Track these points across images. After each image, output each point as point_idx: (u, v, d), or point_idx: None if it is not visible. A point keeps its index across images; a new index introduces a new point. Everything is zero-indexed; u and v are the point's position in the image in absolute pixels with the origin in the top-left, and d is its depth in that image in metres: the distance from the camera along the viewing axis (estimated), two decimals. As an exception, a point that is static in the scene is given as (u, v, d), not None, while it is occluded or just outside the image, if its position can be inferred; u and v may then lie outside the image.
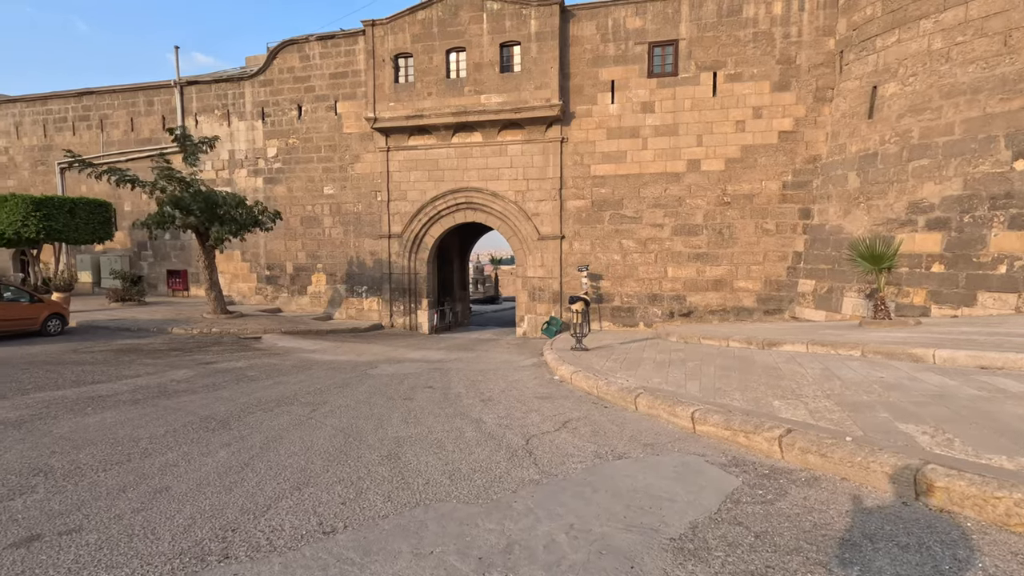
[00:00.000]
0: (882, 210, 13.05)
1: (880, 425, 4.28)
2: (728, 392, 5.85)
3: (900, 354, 7.03)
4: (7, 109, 24.08)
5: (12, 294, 12.77)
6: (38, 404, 6.60)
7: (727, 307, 16.38)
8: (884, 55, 13.61)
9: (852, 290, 13.49)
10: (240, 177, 20.51)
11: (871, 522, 3.03)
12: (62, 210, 18.09)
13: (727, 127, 16.17)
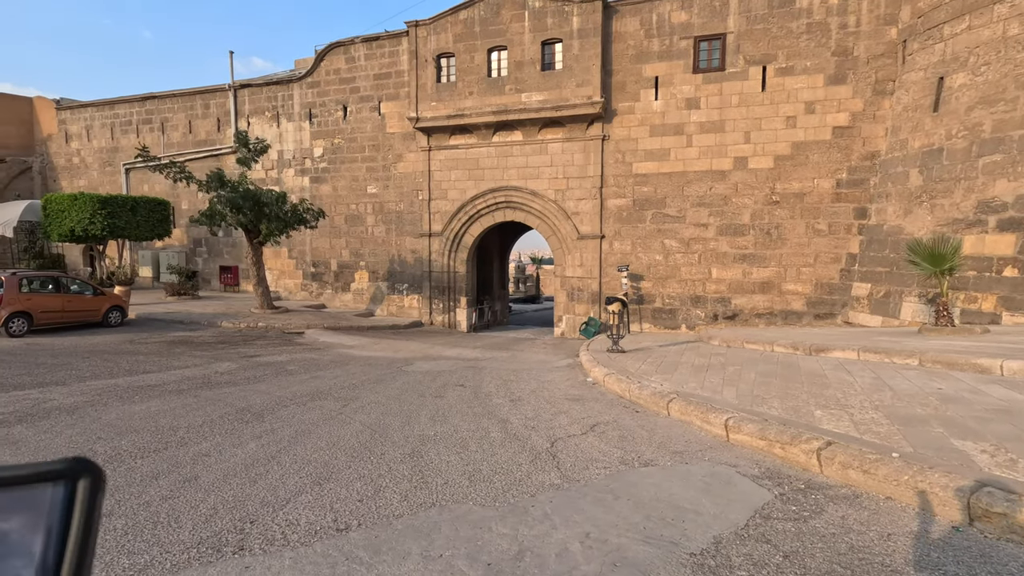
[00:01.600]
0: (947, 209, 12.19)
1: (933, 441, 3.95)
2: (767, 400, 5.56)
3: (963, 364, 6.52)
4: (79, 114, 25.72)
5: (78, 287, 13.60)
6: (92, 391, 6.97)
7: (774, 310, 15.71)
8: (952, 43, 12.70)
9: (912, 294, 12.67)
10: (288, 176, 21.18)
11: (916, 548, 2.77)
12: (125, 208, 19.17)
13: (777, 123, 15.49)
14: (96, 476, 0.18)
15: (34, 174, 27.16)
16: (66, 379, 7.70)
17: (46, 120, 26.86)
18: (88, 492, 0.20)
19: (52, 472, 0.19)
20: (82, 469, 0.19)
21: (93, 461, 0.19)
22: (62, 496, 0.19)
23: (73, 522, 0.19)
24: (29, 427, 5.31)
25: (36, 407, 6.06)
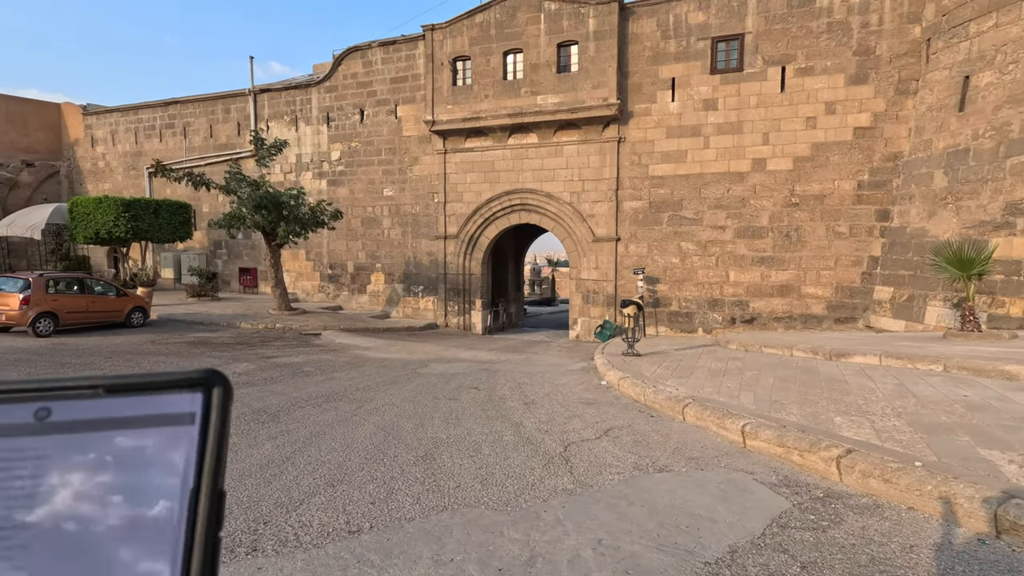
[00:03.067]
0: (973, 211, 11.89)
1: (958, 450, 3.84)
2: (785, 405, 5.46)
3: (990, 371, 6.34)
4: (104, 119, 26.34)
5: (102, 288, 13.90)
6: (114, 391, 7.11)
7: (793, 314, 15.45)
8: (979, 41, 12.40)
9: (936, 299, 12.37)
10: (305, 180, 21.43)
11: (940, 561, 2.69)
12: (148, 211, 19.56)
13: (796, 124, 15.27)
14: (227, 386, 0.23)
15: (61, 178, 27.87)
16: (89, 378, 7.87)
17: (73, 125, 27.56)
18: (221, 399, 0.24)
19: (191, 380, 0.23)
20: (216, 379, 0.23)
21: (224, 373, 0.23)
22: (200, 402, 0.23)
23: (211, 425, 0.23)
24: (52, 425, 5.43)
25: (60, 406, 6.20)
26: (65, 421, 0.22)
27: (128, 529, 0.21)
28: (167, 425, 0.22)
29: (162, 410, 0.22)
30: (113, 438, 0.22)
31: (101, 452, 0.22)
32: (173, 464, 0.22)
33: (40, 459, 0.21)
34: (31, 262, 25.22)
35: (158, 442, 0.22)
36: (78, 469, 0.22)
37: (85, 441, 0.22)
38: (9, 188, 26.36)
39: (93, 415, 0.22)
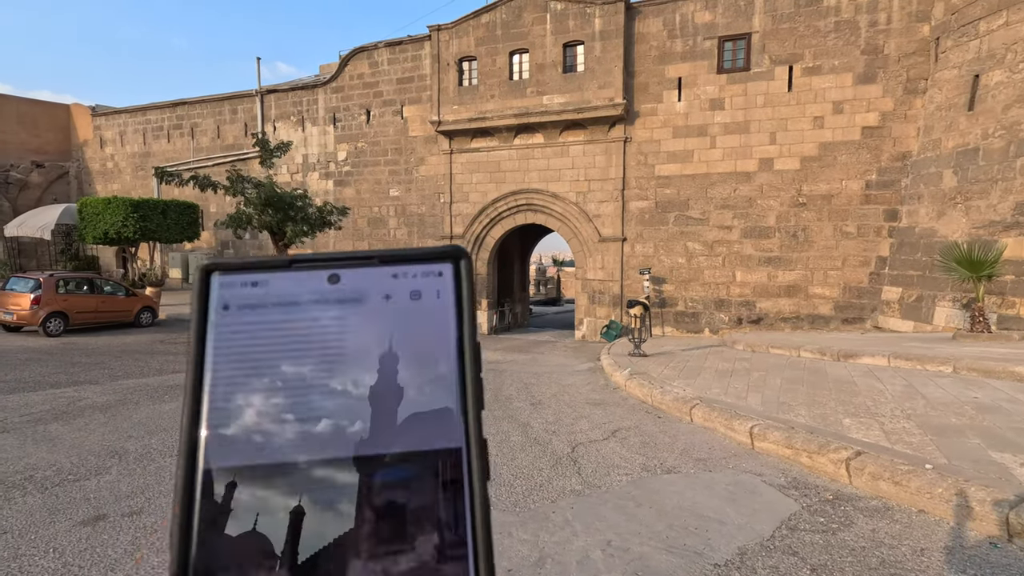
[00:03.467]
0: (983, 211, 11.80)
1: (969, 452, 3.82)
2: (793, 407, 5.44)
3: (1000, 372, 6.29)
4: (113, 120, 26.54)
5: (111, 288, 14.02)
6: (124, 390, 7.17)
7: (801, 314, 15.38)
8: (988, 40, 12.30)
9: (945, 299, 12.29)
10: (312, 180, 21.52)
11: (951, 564, 2.68)
12: (156, 211, 19.70)
13: (803, 123, 15.19)
14: (470, 258, 0.27)
15: (70, 178, 28.10)
16: (99, 378, 7.94)
17: (82, 126, 27.79)
18: (467, 268, 0.28)
19: (444, 253, 0.27)
20: (463, 252, 0.28)
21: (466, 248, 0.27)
22: (452, 270, 0.27)
23: (463, 288, 0.27)
24: (64, 424, 5.49)
25: (71, 405, 6.26)
26: (351, 285, 0.27)
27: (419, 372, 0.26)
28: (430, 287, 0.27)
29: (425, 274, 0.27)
30: (391, 296, 0.27)
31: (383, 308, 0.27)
32: (440, 318, 0.27)
33: (340, 317, 0.26)
34: (41, 262, 25.45)
35: (427, 300, 0.27)
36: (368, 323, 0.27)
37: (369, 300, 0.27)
38: (19, 189, 26.61)
39: (371, 280, 0.27)
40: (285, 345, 0.26)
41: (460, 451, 0.25)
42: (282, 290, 0.27)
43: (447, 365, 0.27)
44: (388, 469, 0.25)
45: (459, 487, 0.25)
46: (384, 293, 0.27)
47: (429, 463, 0.25)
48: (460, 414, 0.26)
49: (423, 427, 0.25)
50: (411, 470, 0.25)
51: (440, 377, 0.26)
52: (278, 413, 0.25)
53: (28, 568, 2.87)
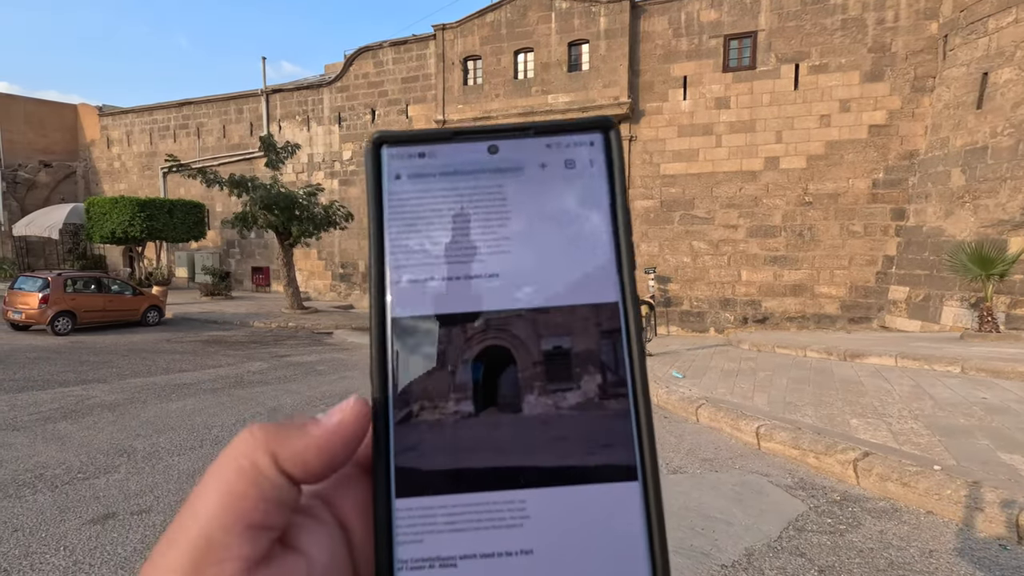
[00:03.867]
0: (992, 210, 11.71)
1: (978, 453, 3.80)
2: (800, 407, 5.42)
3: (1009, 372, 6.25)
4: (120, 120, 26.69)
5: (118, 287, 14.10)
6: (132, 389, 7.22)
7: (807, 314, 15.32)
8: (997, 38, 12.21)
9: (953, 299, 12.21)
10: (317, 179, 21.57)
11: (960, 566, 2.67)
12: (162, 211, 19.81)
13: (810, 122, 15.12)
14: (618, 129, 0.29)
15: (78, 178, 28.29)
16: (107, 376, 7.99)
17: (89, 126, 27.96)
18: (616, 137, 0.29)
19: (595, 123, 0.29)
20: (611, 123, 0.29)
21: (613, 119, 0.29)
22: (602, 139, 0.29)
23: (614, 156, 0.29)
24: (73, 423, 5.53)
25: (80, 404, 6.30)
26: (509, 154, 0.29)
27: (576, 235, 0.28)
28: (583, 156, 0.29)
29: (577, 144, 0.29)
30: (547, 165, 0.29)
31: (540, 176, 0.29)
32: (593, 184, 0.29)
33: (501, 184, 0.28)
34: (49, 261, 25.63)
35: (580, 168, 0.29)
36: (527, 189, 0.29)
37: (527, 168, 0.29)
38: (27, 188, 26.80)
39: (527, 150, 0.29)
40: (452, 209, 0.29)
41: (617, 304, 0.28)
42: (447, 160, 0.29)
43: (602, 227, 0.29)
44: (555, 320, 0.28)
45: (617, 335, 0.27)
46: (540, 162, 0.29)
47: (590, 315, 0.28)
48: (616, 272, 0.28)
49: (583, 283, 0.28)
50: (575, 321, 0.27)
51: (596, 238, 0.28)
52: (452, 269, 0.28)
53: (39, 566, 2.89)
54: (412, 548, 0.25)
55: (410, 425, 0.26)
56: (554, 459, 0.26)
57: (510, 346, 0.28)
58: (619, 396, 0.27)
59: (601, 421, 0.26)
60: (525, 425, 0.26)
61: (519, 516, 0.26)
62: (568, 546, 0.25)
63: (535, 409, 0.27)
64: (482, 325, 0.28)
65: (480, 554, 0.25)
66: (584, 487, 0.26)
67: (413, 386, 0.27)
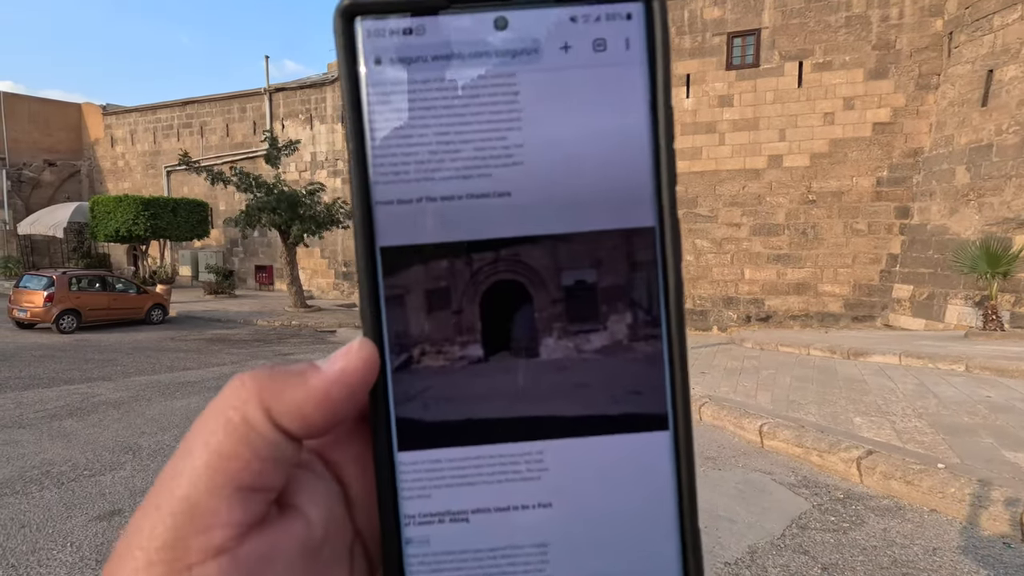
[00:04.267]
0: (996, 208, 11.66)
1: (982, 452, 3.79)
2: (803, 405, 5.42)
3: (1014, 371, 6.24)
4: (124, 119, 26.77)
5: (123, 286, 14.17)
6: (136, 387, 7.25)
7: (810, 312, 15.28)
8: (1003, 35, 12.14)
9: (958, 297, 12.17)
10: (320, 178, 21.60)
11: (963, 564, 2.67)
12: (166, 210, 19.87)
13: (813, 120, 15.06)
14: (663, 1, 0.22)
15: (82, 177, 28.40)
16: (112, 374, 8.03)
17: (93, 125, 28.05)
18: (661, 9, 0.23)
19: None
20: None
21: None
22: (643, 11, 0.23)
23: (657, 36, 0.22)
24: (79, 420, 5.56)
25: (85, 401, 6.34)
26: (522, 31, 0.23)
27: (604, 139, 0.23)
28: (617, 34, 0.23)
29: (610, 16, 0.23)
30: (570, 46, 0.23)
31: (561, 61, 0.23)
32: (629, 73, 0.23)
33: (510, 73, 0.22)
34: (53, 260, 25.74)
35: (613, 51, 0.23)
36: (544, 79, 0.23)
37: (545, 50, 0.23)
38: (32, 187, 26.92)
39: (545, 24, 0.23)
40: (450, 107, 0.23)
41: (653, 230, 0.23)
42: (441, 37, 0.23)
43: (637, 130, 0.23)
44: (576, 248, 0.23)
45: (652, 267, 0.23)
46: (562, 42, 0.23)
47: (620, 242, 0.23)
48: (653, 190, 0.23)
49: (612, 204, 0.23)
50: (601, 249, 0.23)
51: (629, 145, 0.23)
52: (452, 186, 0.23)
53: (46, 561, 2.91)
54: (419, 503, 0.23)
55: (411, 372, 0.24)
56: (575, 408, 0.24)
57: (524, 280, 0.24)
58: (651, 339, 0.23)
59: (629, 366, 0.24)
60: (542, 371, 0.24)
61: (536, 469, 0.24)
62: (590, 499, 0.23)
63: (554, 353, 0.24)
64: (491, 256, 0.24)
65: (494, 508, 0.24)
66: (608, 437, 0.24)
67: (412, 328, 0.23)
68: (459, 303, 0.24)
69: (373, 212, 0.23)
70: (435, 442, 0.23)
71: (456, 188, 0.23)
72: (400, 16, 0.23)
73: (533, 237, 0.24)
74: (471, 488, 0.23)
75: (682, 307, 0.24)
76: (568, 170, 0.23)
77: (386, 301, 0.24)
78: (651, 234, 0.23)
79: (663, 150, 0.23)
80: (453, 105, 0.23)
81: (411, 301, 0.24)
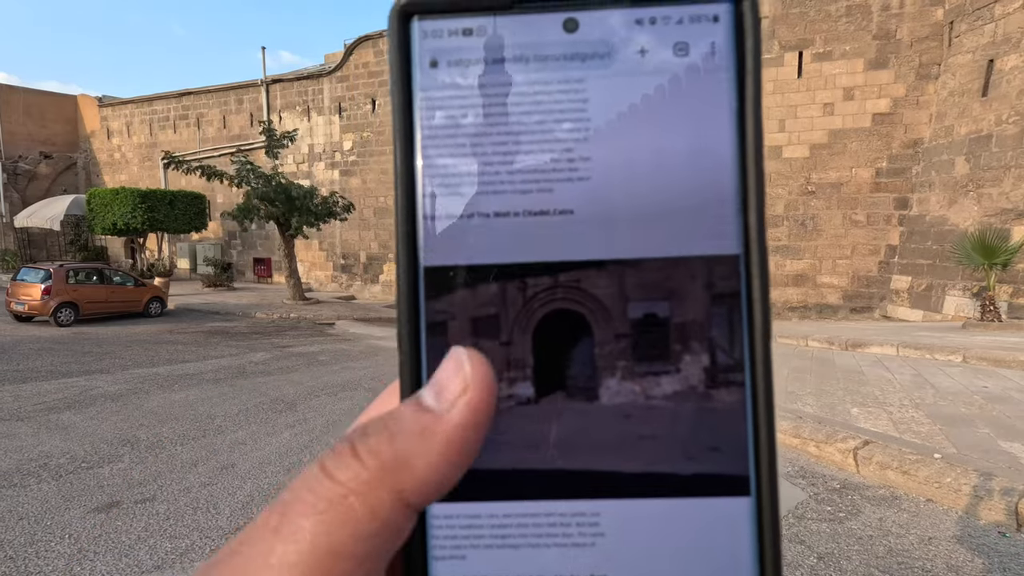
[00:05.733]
0: (995, 199, 11.64)
1: (978, 442, 3.80)
2: (801, 396, 5.43)
3: (1010, 361, 6.25)
4: (120, 111, 26.60)
5: (120, 278, 14.13)
6: (135, 379, 7.25)
7: (808, 304, 15.30)
8: (1004, 24, 12.06)
9: (956, 288, 12.18)
10: (318, 170, 21.53)
11: (958, 553, 2.68)
12: (163, 202, 19.79)
13: (813, 110, 15.00)
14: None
15: (78, 169, 28.26)
16: (110, 367, 8.02)
17: (89, 117, 27.87)
18: (753, 11, 0.20)
19: None
20: None
21: None
22: (731, 13, 0.20)
23: (747, 41, 0.20)
24: (77, 413, 5.56)
25: (83, 394, 6.34)
26: (593, 33, 0.21)
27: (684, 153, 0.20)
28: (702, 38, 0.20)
29: (693, 19, 0.20)
30: (647, 50, 0.21)
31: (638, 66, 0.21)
32: (713, 81, 0.21)
33: (581, 78, 0.20)
34: (51, 253, 25.67)
35: (696, 56, 0.20)
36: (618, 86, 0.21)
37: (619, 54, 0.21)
38: (28, 180, 26.79)
39: (620, 26, 0.21)
40: (510, 114, 0.21)
41: (738, 258, 0.20)
42: (504, 40, 0.21)
43: (722, 144, 0.20)
44: (647, 276, 0.21)
45: (735, 301, 0.20)
46: (638, 46, 0.21)
47: (698, 271, 0.20)
48: (739, 211, 0.20)
49: (691, 226, 0.20)
50: (675, 278, 0.20)
51: (711, 162, 0.20)
52: (508, 202, 0.21)
53: (44, 553, 2.92)
54: (451, 565, 0.20)
55: None
56: (639, 463, 0.20)
57: (585, 311, 0.21)
58: (732, 385, 0.20)
59: (706, 417, 0.20)
60: (602, 417, 0.20)
61: (591, 533, 0.20)
62: (653, 573, 0.20)
63: (616, 397, 0.21)
64: (548, 281, 0.21)
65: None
66: (677, 501, 0.20)
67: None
68: (509, 334, 0.21)
69: (417, 227, 0.21)
70: (474, 494, 0.20)
71: (512, 204, 0.21)
72: (460, 16, 0.21)
73: (597, 262, 0.21)
74: (513, 551, 0.20)
75: (769, 349, 0.21)
76: (641, 187, 0.21)
77: (427, 327, 0.21)
78: (735, 263, 0.21)
79: (751, 168, 0.21)
80: (513, 112, 0.21)
81: (456, 328, 0.21)
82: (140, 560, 2.83)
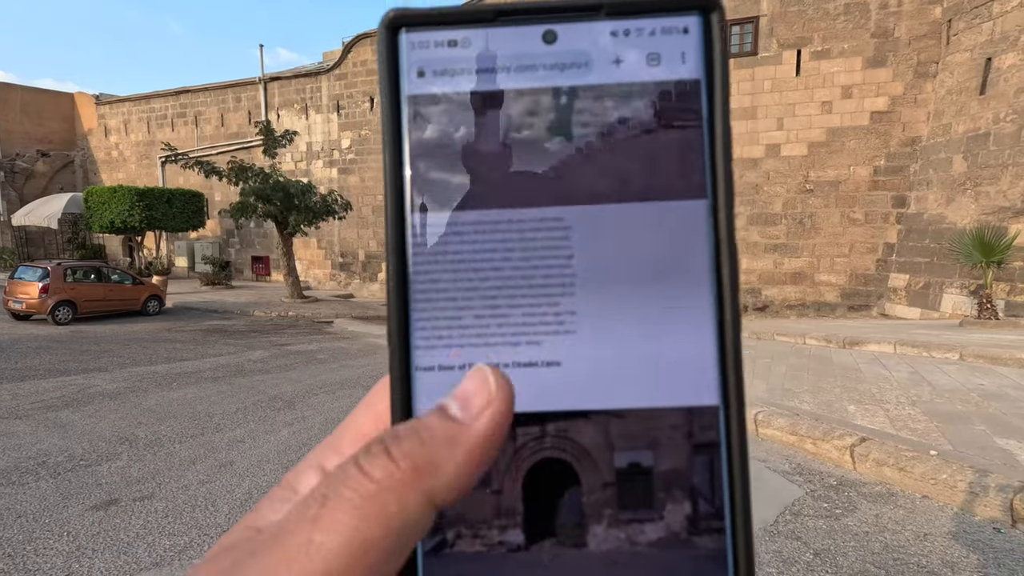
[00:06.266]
0: (993, 197, 11.67)
1: (974, 439, 3.82)
2: (798, 394, 5.44)
3: (1007, 359, 6.27)
4: (117, 108, 26.52)
5: (118, 277, 14.11)
6: (133, 378, 7.25)
7: (807, 302, 15.32)
8: (1002, 22, 12.08)
9: (953, 286, 12.20)
10: (316, 168, 21.49)
11: (953, 549, 2.69)
12: (161, 200, 19.75)
13: (811, 108, 15.00)
14: (722, 10, 0.21)
15: (76, 167, 28.18)
16: (108, 365, 8.02)
17: (86, 115, 27.79)
18: (720, 24, 0.22)
19: (693, 2, 0.21)
20: (716, 3, 0.21)
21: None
22: (700, 26, 0.21)
23: (714, 47, 0.21)
24: (75, 411, 5.56)
25: (81, 392, 6.34)
26: (571, 45, 0.22)
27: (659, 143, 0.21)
28: (672, 49, 0.22)
29: (665, 31, 0.22)
30: (622, 61, 0.22)
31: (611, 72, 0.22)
32: (682, 77, 0.21)
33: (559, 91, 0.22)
34: (48, 251, 25.61)
35: (666, 58, 0.21)
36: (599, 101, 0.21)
37: (595, 66, 0.21)
38: (25, 178, 26.71)
39: (596, 38, 0.22)
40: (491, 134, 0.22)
41: (717, 409, 0.21)
42: (488, 51, 0.22)
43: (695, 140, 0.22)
44: (631, 426, 0.21)
45: (715, 451, 0.21)
46: (613, 56, 0.22)
47: (680, 421, 0.21)
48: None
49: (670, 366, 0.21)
50: (659, 428, 0.21)
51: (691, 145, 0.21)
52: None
53: (43, 551, 2.92)
54: None
55: (443, 557, 0.21)
56: None
57: (572, 459, 0.21)
58: (713, 532, 0.21)
59: (688, 564, 0.21)
60: (589, 563, 0.21)
61: None
62: None
63: (603, 544, 0.21)
64: (536, 430, 0.21)
65: None
66: None
67: (445, 508, 0.20)
68: (499, 482, 0.21)
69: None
70: None
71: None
72: (446, 28, 0.22)
73: (584, 412, 0.21)
74: None
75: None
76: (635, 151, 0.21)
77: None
78: (714, 414, 0.21)
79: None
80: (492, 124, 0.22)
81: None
82: (138, 557, 2.84)
